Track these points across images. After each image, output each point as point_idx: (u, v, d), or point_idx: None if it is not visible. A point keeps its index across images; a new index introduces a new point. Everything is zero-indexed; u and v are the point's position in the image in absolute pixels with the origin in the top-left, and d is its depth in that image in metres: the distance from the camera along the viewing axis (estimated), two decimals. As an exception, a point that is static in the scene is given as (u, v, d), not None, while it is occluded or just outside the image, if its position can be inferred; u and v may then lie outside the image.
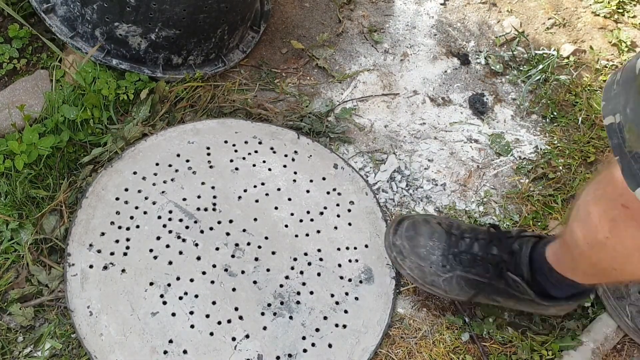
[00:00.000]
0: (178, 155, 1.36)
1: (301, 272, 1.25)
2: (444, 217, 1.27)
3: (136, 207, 1.28)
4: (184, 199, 1.30)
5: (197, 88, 1.46)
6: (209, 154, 1.38)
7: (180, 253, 1.23)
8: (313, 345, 1.18)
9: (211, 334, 1.16)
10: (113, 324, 1.14)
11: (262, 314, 1.19)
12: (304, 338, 1.19)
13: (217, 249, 1.25)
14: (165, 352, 1.13)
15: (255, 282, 1.23)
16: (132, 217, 1.26)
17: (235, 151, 1.39)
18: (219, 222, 1.28)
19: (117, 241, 1.23)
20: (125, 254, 1.22)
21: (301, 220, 1.32)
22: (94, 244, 1.22)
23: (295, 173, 1.39)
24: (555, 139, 1.54)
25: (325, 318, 1.21)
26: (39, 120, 1.33)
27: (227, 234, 1.27)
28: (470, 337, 1.23)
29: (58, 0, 1.40)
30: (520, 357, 1.21)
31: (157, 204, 1.29)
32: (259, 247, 1.27)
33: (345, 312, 1.23)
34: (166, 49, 1.42)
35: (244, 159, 1.39)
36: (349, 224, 1.33)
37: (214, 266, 1.23)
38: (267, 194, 1.34)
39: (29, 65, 1.46)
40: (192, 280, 1.21)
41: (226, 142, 1.40)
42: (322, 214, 1.34)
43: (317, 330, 1.20)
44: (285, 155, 1.41)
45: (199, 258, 1.24)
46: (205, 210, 1.29)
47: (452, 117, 1.56)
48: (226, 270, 1.23)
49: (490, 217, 1.40)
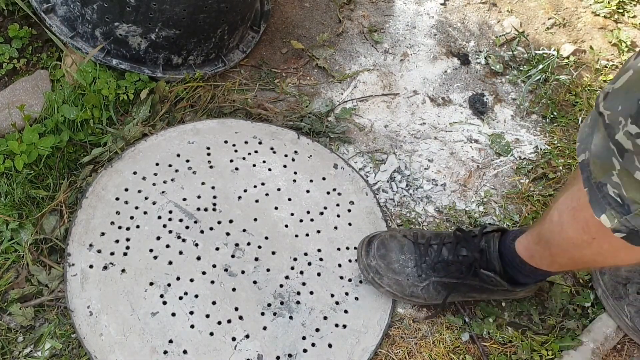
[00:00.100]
0: (178, 155, 1.36)
1: (301, 272, 1.25)
2: (406, 229, 1.32)
3: (136, 207, 1.28)
4: (184, 199, 1.30)
5: (197, 88, 1.47)
6: (209, 154, 1.38)
7: (180, 253, 1.23)
8: (313, 345, 1.18)
9: (211, 334, 1.16)
10: (113, 324, 1.14)
11: (262, 314, 1.19)
12: (304, 338, 1.19)
13: (217, 249, 1.25)
14: (165, 352, 1.13)
15: (255, 282, 1.23)
16: (132, 217, 1.26)
17: (235, 151, 1.39)
18: (219, 222, 1.28)
19: (117, 241, 1.23)
20: (125, 254, 1.22)
21: (301, 220, 1.32)
22: (94, 244, 1.22)
23: (295, 173, 1.39)
24: (555, 139, 1.54)
25: (325, 318, 1.21)
26: (39, 120, 1.33)
27: (227, 234, 1.27)
28: (470, 337, 1.24)
29: (58, 0, 1.40)
30: (520, 357, 1.21)
31: (157, 204, 1.29)
32: (259, 247, 1.27)
33: (345, 312, 1.23)
34: (166, 49, 1.42)
35: (244, 159, 1.39)
36: (349, 224, 1.33)
37: (214, 266, 1.23)
38: (267, 194, 1.34)
39: (29, 65, 1.46)
40: (192, 280, 1.21)
41: (226, 142, 1.40)
42: (322, 214, 1.34)
43: (317, 330, 1.20)
44: (285, 155, 1.41)
45: (199, 258, 1.24)
46: (205, 210, 1.29)
47: (452, 117, 1.56)
48: (226, 270, 1.23)
49: (490, 217, 1.40)
